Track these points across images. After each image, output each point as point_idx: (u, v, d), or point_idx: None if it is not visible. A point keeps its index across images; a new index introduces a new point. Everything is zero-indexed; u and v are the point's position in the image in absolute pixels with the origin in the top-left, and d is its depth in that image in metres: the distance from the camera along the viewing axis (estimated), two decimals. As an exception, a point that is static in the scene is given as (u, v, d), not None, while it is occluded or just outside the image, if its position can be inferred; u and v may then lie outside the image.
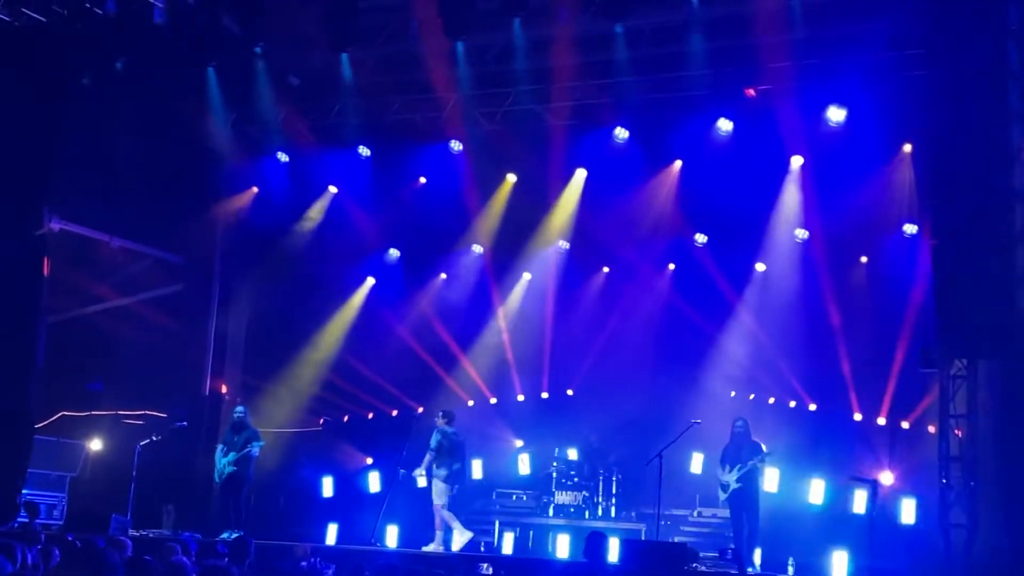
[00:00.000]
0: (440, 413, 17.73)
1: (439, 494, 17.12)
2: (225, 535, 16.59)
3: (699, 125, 18.52)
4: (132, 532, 16.59)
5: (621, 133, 19.19)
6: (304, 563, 13.16)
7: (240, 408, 18.15)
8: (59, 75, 18.18)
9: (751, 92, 17.72)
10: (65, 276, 19.04)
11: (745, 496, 16.56)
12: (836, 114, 17.72)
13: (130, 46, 18.20)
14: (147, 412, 19.98)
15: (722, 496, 16.80)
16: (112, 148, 18.73)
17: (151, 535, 17.11)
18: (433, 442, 17.21)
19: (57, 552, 10.60)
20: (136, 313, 20.33)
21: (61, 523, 18.07)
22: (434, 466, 17.17)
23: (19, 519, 16.50)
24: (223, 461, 17.67)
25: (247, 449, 17.59)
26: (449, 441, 17.24)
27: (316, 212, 21.63)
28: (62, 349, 19.00)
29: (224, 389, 21.07)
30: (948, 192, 14.74)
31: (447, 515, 17.12)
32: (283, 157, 21.08)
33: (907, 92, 16.19)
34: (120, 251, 20.22)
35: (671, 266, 21.66)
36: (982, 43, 14.32)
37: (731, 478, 16.59)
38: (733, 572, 14.33)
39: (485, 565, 14.59)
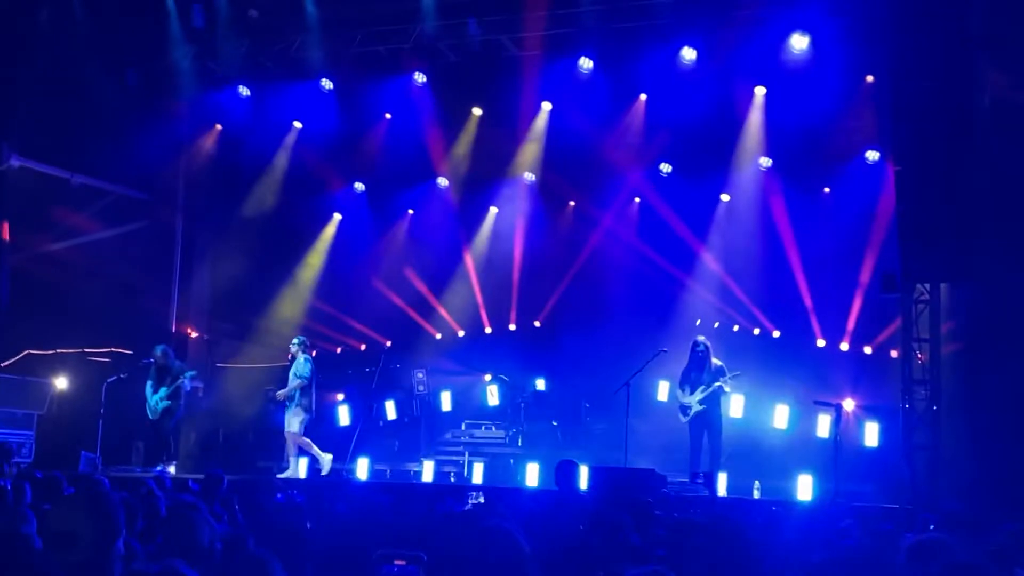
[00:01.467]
0: (303, 341, 17.87)
1: (299, 422, 17.45)
2: (160, 468, 16.84)
3: (663, 54, 18.46)
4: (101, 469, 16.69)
5: (586, 63, 19.10)
6: (279, 495, 13.22)
7: (160, 346, 18.20)
8: (15, 10, 17.92)
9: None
10: (26, 214, 18.88)
11: (708, 418, 16.66)
12: (799, 42, 17.71)
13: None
14: (113, 349, 19.94)
15: (683, 419, 16.88)
16: (71, 84, 18.51)
17: (121, 472, 17.20)
18: (307, 370, 17.49)
19: (28, 487, 10.63)
20: (100, 250, 20.19)
21: (30, 460, 18.09)
22: (298, 394, 17.42)
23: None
24: (155, 397, 17.83)
25: (179, 382, 17.80)
26: (309, 369, 17.55)
27: (281, 147, 21.48)
28: (26, 288, 18.89)
29: (192, 333, 21.08)
30: (911, 117, 14.83)
31: (305, 441, 17.51)
32: (245, 91, 20.89)
33: (870, 18, 16.20)
34: (81, 188, 20.02)
35: (636, 199, 21.71)
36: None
37: (693, 400, 16.65)
38: (703, 494, 14.51)
39: (476, 494, 14.72)
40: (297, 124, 21.54)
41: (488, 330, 22.58)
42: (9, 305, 18.26)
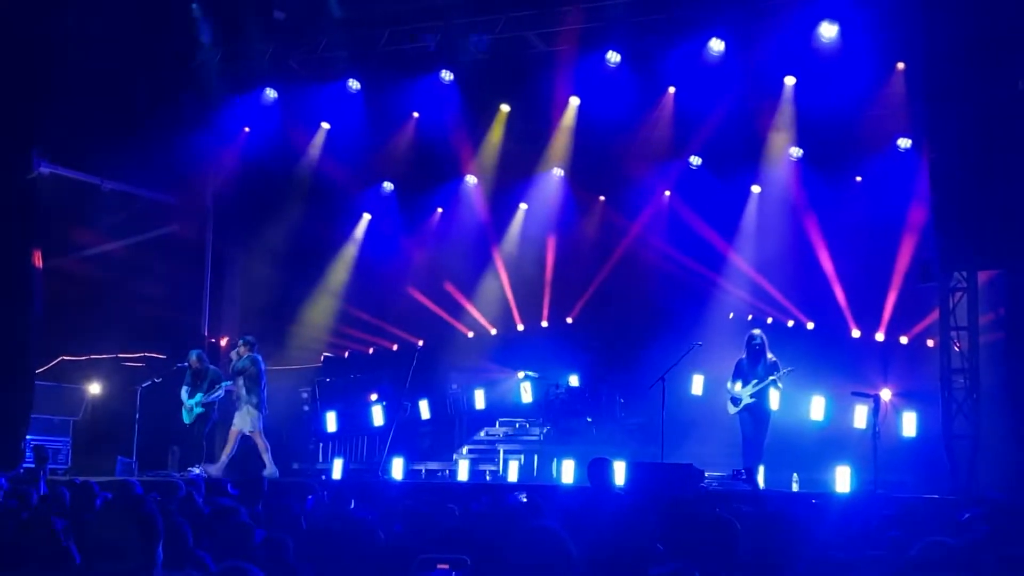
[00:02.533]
0: (248, 340, 17.96)
1: (252, 421, 17.52)
2: (196, 470, 16.91)
3: (691, 46, 18.30)
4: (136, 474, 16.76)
5: (613, 57, 18.97)
6: (310, 498, 13.18)
7: (195, 350, 18.26)
8: (45, 17, 17.94)
9: None
10: (57, 220, 18.92)
11: (758, 411, 16.46)
12: (828, 30, 17.52)
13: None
14: (147, 354, 19.98)
15: (732, 410, 16.64)
16: (100, 89, 18.54)
17: (157, 476, 17.24)
18: (248, 368, 17.61)
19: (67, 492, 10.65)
20: (131, 255, 20.23)
21: (67, 466, 18.16)
22: (244, 392, 17.49)
23: (25, 464, 16.55)
24: (190, 402, 17.94)
25: (217, 390, 17.91)
26: (257, 368, 17.62)
27: (309, 148, 21.46)
28: (59, 294, 18.92)
29: (224, 338, 21.14)
30: (945, 104, 14.69)
31: (261, 444, 17.61)
32: (272, 94, 20.88)
33: (901, 4, 16.03)
34: (112, 194, 20.05)
35: (666, 193, 21.59)
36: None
37: (745, 392, 16.45)
38: (745, 488, 14.39)
39: (522, 495, 14.63)
40: (325, 125, 21.49)
41: (520, 327, 22.51)
42: (43, 312, 18.28)
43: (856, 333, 19.87)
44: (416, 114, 21.27)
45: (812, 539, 8.02)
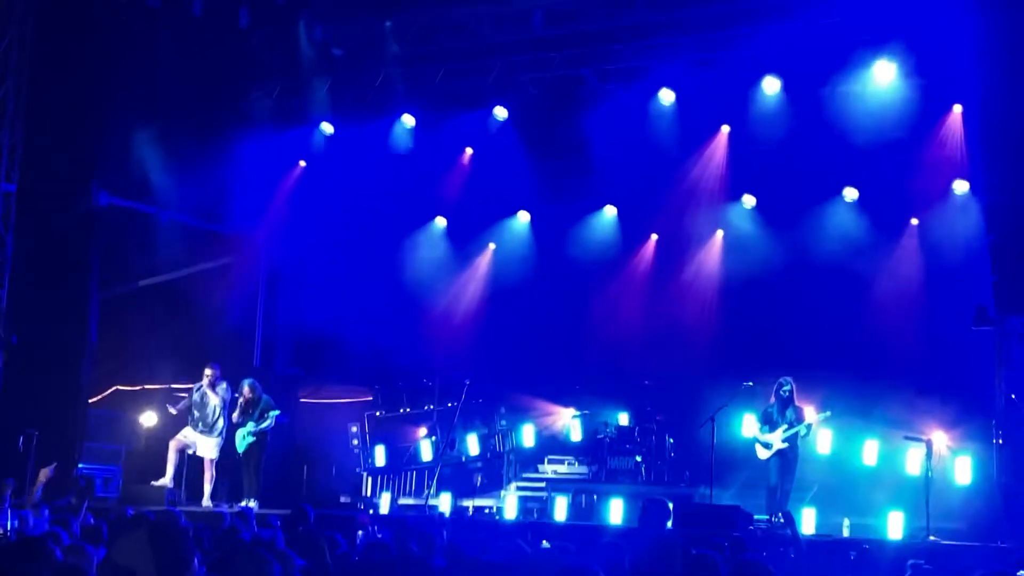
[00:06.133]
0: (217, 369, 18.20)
1: (219, 450, 18.00)
2: (246, 503, 17.03)
3: (745, 85, 18.28)
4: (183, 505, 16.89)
5: (667, 95, 18.97)
6: (361, 532, 13.19)
7: (247, 380, 18.38)
8: (105, 49, 18.24)
9: None
10: (114, 250, 19.15)
11: (789, 457, 16.69)
12: (885, 70, 17.37)
13: (173, 22, 18.30)
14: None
15: (764, 454, 16.83)
16: (159, 121, 18.81)
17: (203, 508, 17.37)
18: (228, 397, 18.03)
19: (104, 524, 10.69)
20: (186, 286, 20.44)
21: (116, 496, 18.28)
22: (221, 421, 17.97)
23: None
24: (242, 431, 18.10)
25: (267, 420, 18.01)
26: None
27: (363, 182, 21.58)
28: (114, 324, 19.14)
29: (276, 368, 21.33)
30: (1002, 147, 14.56)
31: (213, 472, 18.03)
32: (328, 128, 21.07)
33: (959, 46, 15.91)
34: (169, 224, 20.29)
35: (720, 232, 21.48)
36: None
37: (776, 438, 16.63)
38: (787, 533, 14.25)
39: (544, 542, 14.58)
40: (379, 160, 21.61)
41: (570, 364, 22.40)
42: (98, 341, 18.50)
43: (910, 376, 19.59)
44: (470, 149, 21.37)
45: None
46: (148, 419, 19.95)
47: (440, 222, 22.83)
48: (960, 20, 15.41)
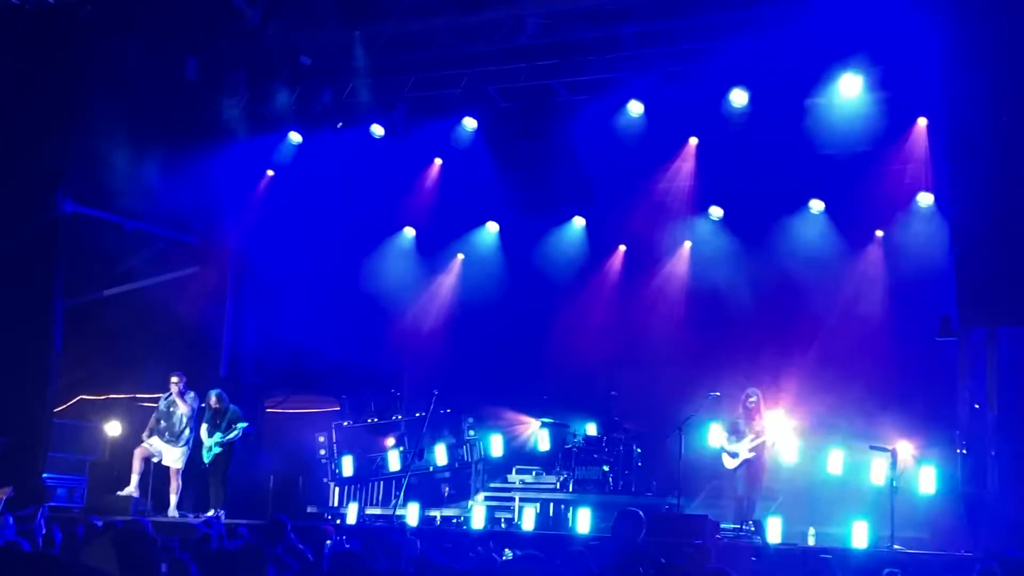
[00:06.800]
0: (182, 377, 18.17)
1: (185, 459, 17.95)
2: (213, 512, 16.97)
3: (714, 97, 18.39)
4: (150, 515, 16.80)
5: (636, 107, 19.06)
6: (328, 542, 13.15)
7: (214, 390, 18.33)
8: (71, 58, 18.16)
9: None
10: (80, 259, 19.03)
11: (755, 467, 16.90)
12: (852, 82, 17.52)
13: (140, 27, 18.23)
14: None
15: (732, 464, 17.04)
16: (126, 130, 18.71)
17: (170, 518, 17.29)
18: (196, 407, 18.04)
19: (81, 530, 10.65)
20: (152, 295, 20.32)
21: (82, 506, 18.19)
22: (189, 430, 17.98)
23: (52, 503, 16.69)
24: (209, 441, 18.04)
25: (234, 430, 17.98)
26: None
27: (331, 192, 21.54)
28: (79, 333, 19.02)
29: (243, 378, 21.25)
30: (967, 160, 14.69)
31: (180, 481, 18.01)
32: (296, 137, 21.03)
33: (923, 60, 16.07)
34: (135, 233, 20.17)
35: (687, 243, 21.59)
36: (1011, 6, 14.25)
37: (742, 447, 16.87)
38: (757, 541, 14.34)
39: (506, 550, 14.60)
40: (348, 169, 21.59)
41: (538, 374, 22.42)
42: (63, 351, 18.38)
43: (874, 386, 19.73)
44: (439, 160, 21.41)
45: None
46: (113, 429, 19.84)
47: (409, 232, 22.84)
48: (926, 34, 15.55)
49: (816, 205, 20.00)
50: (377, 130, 20.78)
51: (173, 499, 17.82)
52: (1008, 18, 14.20)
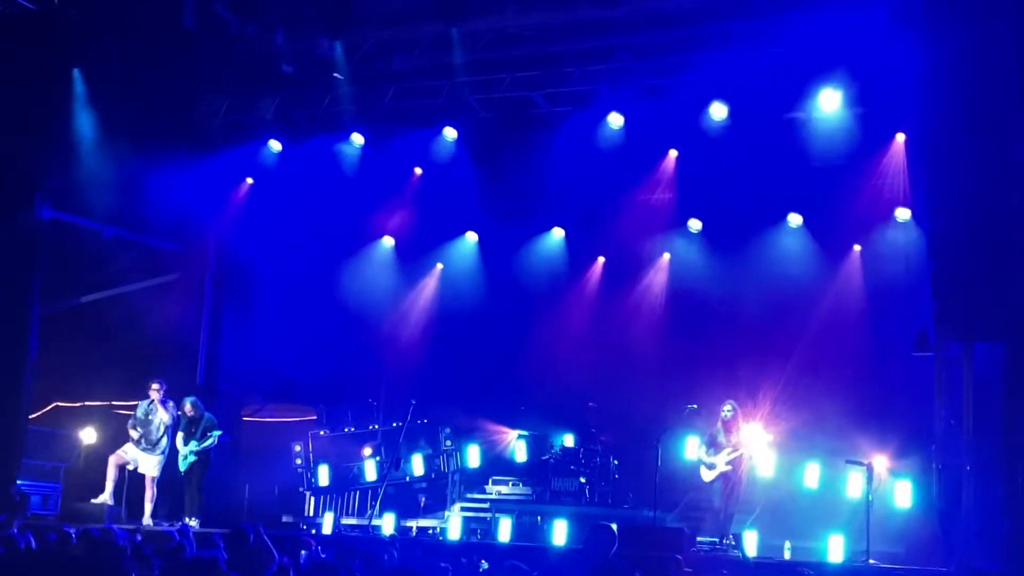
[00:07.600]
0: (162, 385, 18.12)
1: (161, 468, 17.81)
2: (187, 521, 16.96)
3: (694, 110, 18.44)
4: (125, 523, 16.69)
5: (616, 119, 19.09)
6: (304, 552, 13.09)
7: (189, 398, 18.27)
8: (51, 64, 18.08)
9: None
10: (58, 265, 18.94)
11: (734, 479, 16.99)
12: (831, 97, 17.56)
13: (122, 32, 18.17)
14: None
15: (709, 476, 17.09)
16: (104, 136, 18.65)
17: (145, 525, 17.19)
18: (175, 416, 17.93)
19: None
20: (130, 302, 20.25)
21: (56, 513, 18.08)
22: (166, 439, 17.88)
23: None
24: (185, 449, 18.01)
25: (209, 438, 17.93)
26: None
27: (310, 200, 21.50)
28: (55, 340, 18.92)
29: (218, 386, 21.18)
30: (944, 175, 14.75)
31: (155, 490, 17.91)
32: (276, 146, 20.98)
33: (901, 75, 16.13)
34: (113, 240, 20.09)
35: (666, 255, 21.63)
36: (986, 24, 14.31)
37: (720, 460, 16.93)
38: (735, 555, 14.35)
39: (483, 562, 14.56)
40: (327, 178, 21.54)
41: (516, 385, 22.41)
42: (39, 357, 18.27)
43: (850, 400, 19.78)
44: (418, 169, 21.40)
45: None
46: (88, 436, 19.73)
47: (388, 241, 22.82)
48: (904, 51, 15.60)
49: (795, 219, 20.08)
50: (357, 139, 20.75)
51: (148, 507, 17.72)
52: (984, 36, 14.25)
